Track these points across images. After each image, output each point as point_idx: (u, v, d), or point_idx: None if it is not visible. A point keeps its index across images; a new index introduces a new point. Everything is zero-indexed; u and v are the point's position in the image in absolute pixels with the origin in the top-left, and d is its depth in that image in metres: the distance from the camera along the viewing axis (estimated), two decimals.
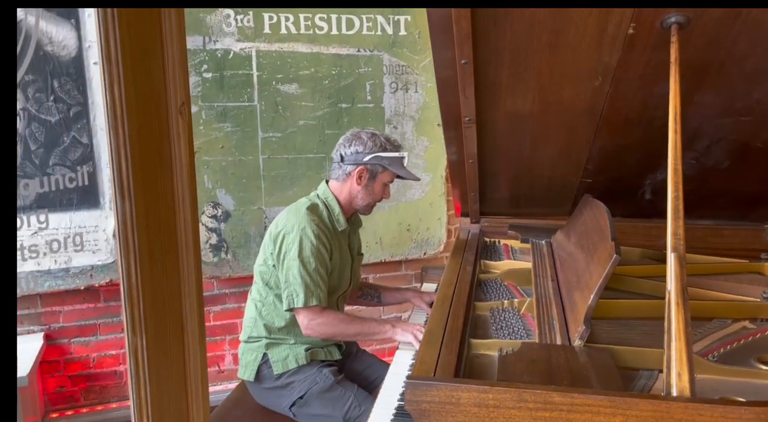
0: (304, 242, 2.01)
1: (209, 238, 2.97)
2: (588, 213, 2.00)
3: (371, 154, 2.09)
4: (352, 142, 2.11)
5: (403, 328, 2.05)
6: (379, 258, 3.27)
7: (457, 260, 2.25)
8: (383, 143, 2.10)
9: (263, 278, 2.14)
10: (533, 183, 2.36)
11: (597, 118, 1.90)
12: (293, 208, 2.12)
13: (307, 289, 2.00)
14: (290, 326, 2.12)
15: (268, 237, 2.13)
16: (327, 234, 2.08)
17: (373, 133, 2.12)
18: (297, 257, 2.00)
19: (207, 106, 2.88)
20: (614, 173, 2.22)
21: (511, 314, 1.84)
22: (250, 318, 2.19)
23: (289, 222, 2.06)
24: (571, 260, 1.90)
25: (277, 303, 2.12)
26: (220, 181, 2.95)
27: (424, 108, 3.22)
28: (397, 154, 2.12)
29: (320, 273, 2.04)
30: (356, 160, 2.10)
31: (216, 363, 3.14)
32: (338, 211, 2.14)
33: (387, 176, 2.14)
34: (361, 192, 2.13)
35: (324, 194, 2.17)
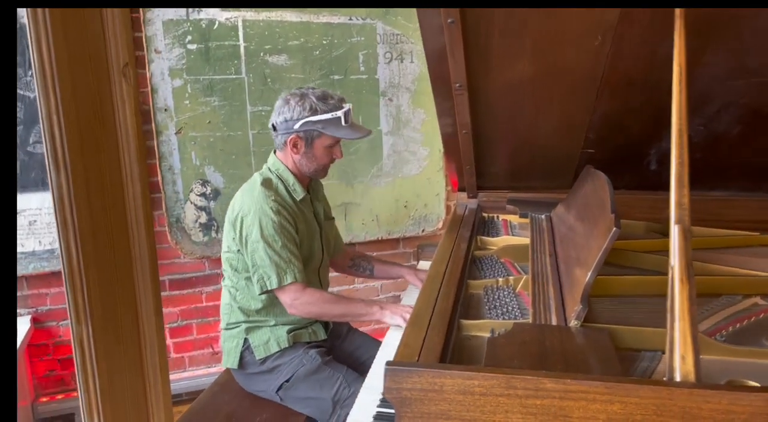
0: (263, 221, 1.91)
1: (198, 217, 2.88)
2: (589, 185, 1.88)
3: (300, 120, 1.93)
4: (281, 108, 1.97)
5: (392, 310, 1.95)
6: (376, 236, 3.17)
7: (451, 237, 2.14)
8: (313, 105, 1.92)
9: (231, 264, 2.05)
10: (532, 155, 2.24)
11: (598, 81, 1.78)
12: (247, 188, 2.01)
13: (279, 269, 1.91)
14: (268, 307, 2.03)
15: (227, 222, 2.03)
16: (287, 208, 1.97)
17: (303, 93, 1.95)
18: (260, 238, 1.90)
19: (192, 79, 2.77)
20: (617, 142, 2.09)
21: (506, 292, 1.74)
22: (225, 305, 2.10)
23: (245, 203, 1.95)
24: (570, 235, 1.79)
25: (249, 286, 2.03)
26: (209, 157, 2.85)
27: (421, 79, 3.09)
28: (329, 115, 1.93)
29: (289, 248, 1.93)
30: (287, 129, 1.96)
31: (209, 344, 3.06)
32: (293, 181, 2.03)
33: (326, 140, 1.99)
34: (302, 160, 2.01)
35: (274, 166, 2.05)
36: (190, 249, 2.87)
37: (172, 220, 2.83)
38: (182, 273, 2.96)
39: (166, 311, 2.96)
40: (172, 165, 2.79)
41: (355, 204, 3.09)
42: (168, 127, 2.76)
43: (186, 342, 3.02)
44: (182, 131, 2.79)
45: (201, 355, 3.05)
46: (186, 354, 3.03)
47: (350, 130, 1.99)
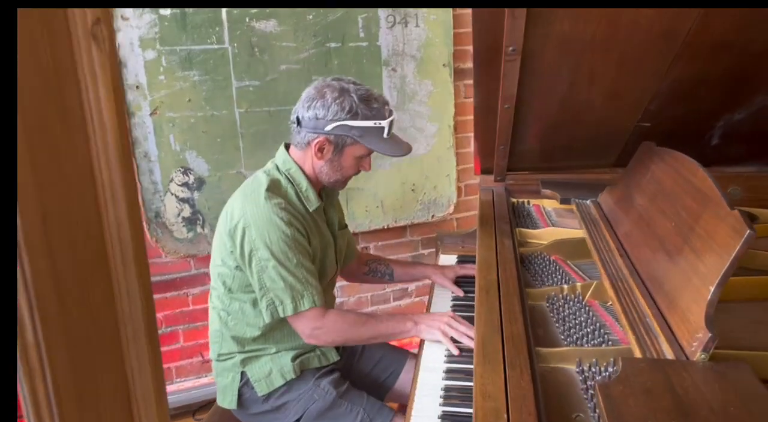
0: (273, 235, 1.55)
1: (181, 210, 2.50)
2: (661, 168, 1.57)
3: (335, 123, 1.55)
4: (313, 102, 1.56)
5: (428, 323, 1.61)
6: (381, 225, 2.83)
7: (488, 231, 1.82)
8: (355, 105, 1.54)
9: (224, 282, 1.68)
10: (575, 130, 1.92)
11: (678, 42, 1.46)
12: (249, 189, 1.62)
13: (294, 292, 1.56)
14: (267, 333, 1.68)
15: (222, 231, 1.64)
16: (299, 217, 1.61)
17: (343, 88, 1.55)
18: (270, 256, 1.54)
19: (167, 50, 2.37)
20: (681, 114, 1.79)
21: (574, 303, 1.43)
22: (215, 332, 1.74)
23: (248, 210, 1.57)
24: (645, 229, 1.48)
25: (246, 310, 1.68)
26: (190, 141, 2.47)
27: (428, 45, 2.73)
28: (372, 122, 1.56)
29: (305, 266, 1.58)
30: (315, 128, 1.58)
31: (199, 352, 2.72)
32: (306, 186, 1.65)
33: (359, 150, 1.61)
34: (324, 167, 1.63)
35: (285, 165, 1.67)
36: (173, 247, 2.51)
37: (151, 215, 2.46)
38: (165, 275, 2.60)
39: None
40: (147, 151, 2.41)
41: (357, 189, 2.75)
42: (141, 107, 2.37)
43: (172, 351, 2.68)
44: (158, 111, 2.40)
45: (190, 365, 2.71)
46: (173, 365, 2.69)
47: (391, 145, 1.61)
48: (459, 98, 2.87)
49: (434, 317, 1.63)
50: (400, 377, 1.89)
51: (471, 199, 3.04)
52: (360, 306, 2.94)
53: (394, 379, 1.90)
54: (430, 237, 3.00)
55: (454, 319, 1.59)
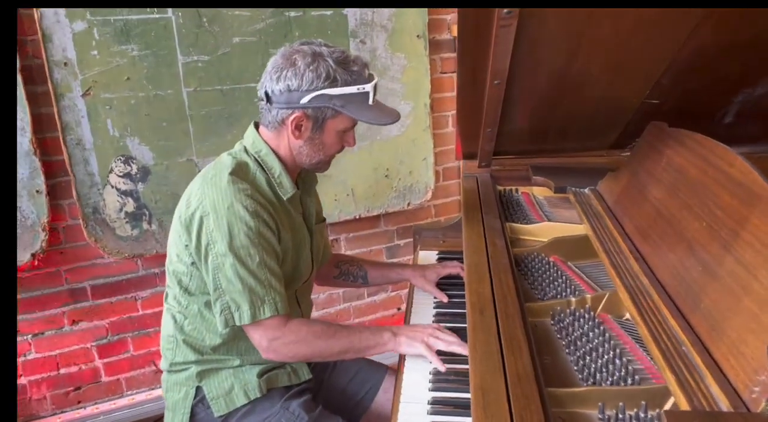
0: (235, 225, 1.29)
1: (124, 205, 2.20)
2: (680, 154, 1.33)
3: (312, 93, 1.30)
4: (282, 72, 1.31)
5: (408, 336, 1.36)
6: (352, 214, 2.56)
7: (476, 229, 1.57)
8: (332, 70, 1.30)
9: (180, 281, 1.43)
10: (573, 109, 1.67)
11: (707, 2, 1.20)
12: (210, 173, 1.36)
13: (254, 296, 1.30)
14: (230, 342, 1.43)
15: (178, 221, 1.38)
16: (268, 207, 1.35)
17: (316, 52, 1.31)
18: (228, 250, 1.29)
19: (100, 21, 2.04)
20: (695, 89, 1.55)
21: (585, 320, 1.19)
22: (168, 337, 1.48)
23: (207, 196, 1.32)
24: (666, 228, 1.24)
25: (205, 313, 1.42)
26: (131, 126, 2.15)
27: (400, 14, 2.44)
28: (354, 88, 1.32)
29: (269, 266, 1.33)
30: (289, 103, 1.32)
31: (151, 360, 2.44)
32: (279, 171, 1.40)
33: (342, 122, 1.37)
34: (304, 147, 1.40)
35: (255, 146, 1.41)
36: (116, 246, 2.21)
37: (88, 211, 2.15)
38: (108, 277, 2.30)
39: (91, 325, 2.31)
40: (81, 138, 2.09)
41: (325, 175, 2.43)
42: (71, 87, 2.05)
43: (121, 361, 2.39)
44: (91, 92, 2.08)
45: (141, 375, 2.43)
46: (122, 376, 2.40)
47: (378, 112, 1.37)
48: (435, 73, 2.60)
49: (416, 328, 1.38)
50: (378, 396, 1.65)
51: (450, 184, 2.79)
52: (332, 304, 2.68)
53: (372, 396, 1.66)
54: (406, 226, 2.74)
55: (439, 331, 1.35)
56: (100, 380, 2.38)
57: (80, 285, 2.26)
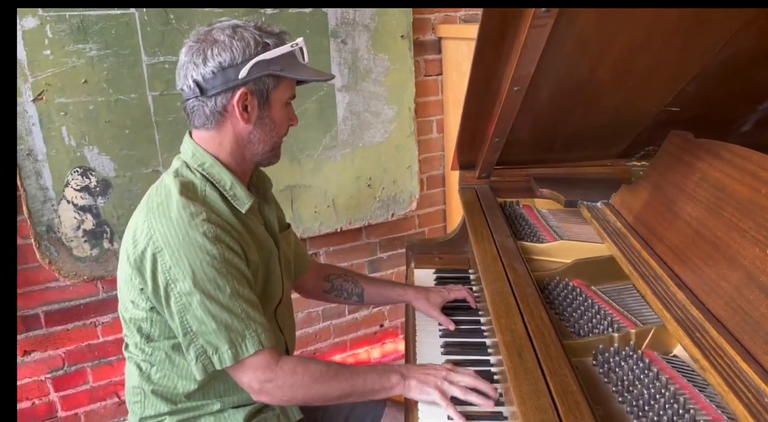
0: (195, 258, 1.11)
1: (81, 222, 1.97)
2: (718, 169, 1.20)
3: (248, 62, 1.14)
4: (207, 52, 1.15)
5: (420, 379, 1.20)
6: (333, 227, 2.39)
7: (488, 249, 1.42)
8: (258, 36, 1.16)
9: (139, 329, 1.23)
10: (587, 118, 1.55)
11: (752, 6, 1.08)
12: (155, 201, 1.17)
13: (231, 333, 1.13)
14: (207, 385, 1.26)
15: (126, 262, 1.18)
16: (228, 229, 1.17)
17: (233, 25, 1.17)
18: (193, 287, 1.11)
19: (54, 17, 1.82)
20: (719, 97, 1.44)
21: (633, 360, 1.06)
22: (134, 389, 1.28)
23: (156, 229, 1.13)
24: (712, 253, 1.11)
25: (174, 357, 1.24)
26: (89, 134, 1.93)
27: (383, 13, 2.28)
28: (288, 46, 1.19)
29: (242, 295, 1.15)
30: (227, 81, 1.15)
31: (113, 392, 2.21)
32: (230, 181, 1.21)
33: (285, 90, 1.22)
34: (255, 133, 1.22)
35: (197, 159, 1.22)
36: (73, 268, 1.98)
37: (41, 229, 1.92)
38: (64, 301, 2.07)
39: (45, 355, 2.07)
40: (32, 148, 1.86)
41: (304, 186, 2.29)
42: (21, 91, 1.82)
43: (79, 394, 2.16)
44: (44, 96, 1.85)
45: (102, 408, 2.20)
46: (81, 410, 2.17)
47: (314, 70, 1.26)
48: (419, 76, 2.45)
49: (428, 370, 1.22)
50: None
51: (434, 193, 2.64)
52: (311, 323, 2.50)
53: None
54: (390, 238, 2.59)
55: (453, 372, 1.19)
56: (56, 415, 2.14)
57: (32, 311, 2.03)
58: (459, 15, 2.48)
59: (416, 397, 1.19)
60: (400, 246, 2.60)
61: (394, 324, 2.72)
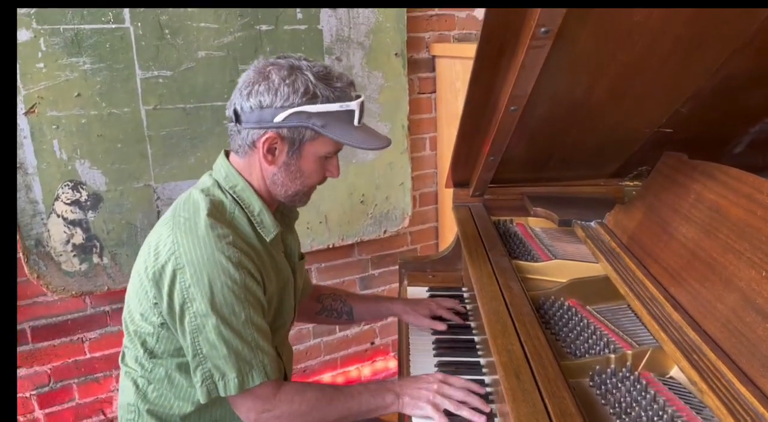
0: (216, 280, 1.10)
1: (71, 236, 1.95)
2: (713, 190, 1.21)
3: (288, 110, 1.12)
4: (254, 86, 1.14)
5: (412, 395, 1.20)
6: (325, 244, 2.38)
7: (483, 268, 1.42)
8: (311, 85, 1.13)
9: (144, 342, 1.21)
10: (582, 138, 1.56)
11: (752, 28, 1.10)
12: (182, 217, 1.15)
13: (240, 361, 1.12)
14: (203, 409, 1.24)
15: (144, 274, 1.16)
16: (252, 255, 1.17)
17: (293, 65, 1.15)
18: (210, 309, 1.10)
19: (48, 30, 1.81)
20: (713, 118, 1.46)
21: (631, 382, 1.05)
22: (128, 406, 1.26)
23: (180, 245, 1.11)
24: (708, 274, 1.11)
25: (175, 378, 1.22)
26: (81, 148, 1.92)
27: (377, 30, 2.29)
28: (337, 105, 1.14)
29: (255, 323, 1.14)
30: (261, 122, 1.14)
31: (99, 409, 2.18)
32: (259, 208, 1.20)
33: (323, 146, 1.18)
34: (278, 175, 1.20)
35: (229, 181, 1.21)
36: (61, 283, 1.95)
37: (30, 243, 1.89)
38: (52, 317, 2.03)
39: (31, 371, 2.04)
40: (23, 161, 1.84)
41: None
42: None
43: (65, 411, 2.12)
44: (36, 109, 1.84)
45: None
46: None
47: (365, 135, 1.19)
48: (413, 94, 2.46)
49: (420, 384, 1.22)
50: None
51: (427, 210, 2.64)
52: (301, 340, 2.48)
53: None
54: (382, 255, 2.58)
55: (445, 384, 1.19)
56: None
57: (19, 326, 1.99)
58: (453, 34, 2.50)
59: (410, 413, 1.20)
60: (392, 263, 2.59)
61: (385, 341, 2.70)
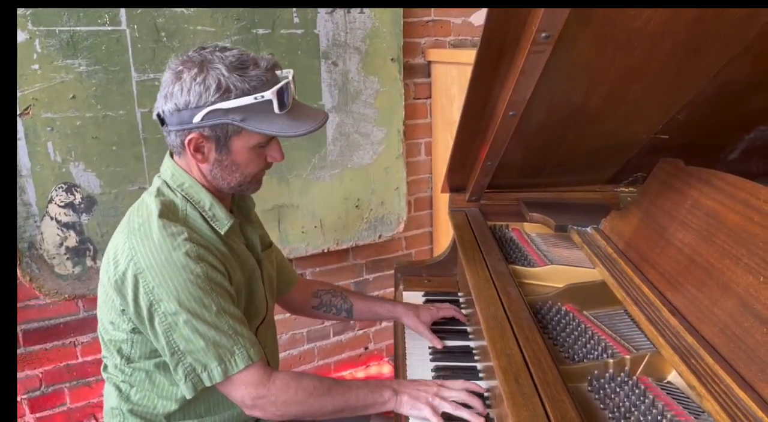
0: (178, 277, 1.10)
1: (65, 239, 1.94)
2: (710, 196, 1.22)
3: (203, 109, 1.10)
4: (170, 88, 1.12)
5: (411, 395, 1.20)
6: (320, 248, 2.37)
7: (481, 273, 1.42)
8: (223, 79, 1.10)
9: (119, 350, 1.21)
10: (579, 144, 1.56)
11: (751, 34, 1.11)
12: (135, 222, 1.15)
13: (221, 350, 1.12)
14: (188, 405, 1.24)
15: (108, 284, 1.16)
16: (211, 248, 1.17)
17: (205, 60, 1.11)
18: (179, 308, 1.10)
19: (43, 32, 1.80)
20: (709, 125, 1.47)
21: (629, 387, 1.06)
22: (112, 411, 1.27)
23: (137, 251, 1.11)
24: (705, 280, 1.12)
25: (156, 378, 1.23)
26: (76, 150, 1.91)
27: (374, 35, 2.29)
28: (250, 98, 1.10)
29: (228, 312, 1.14)
30: (181, 123, 1.13)
31: (91, 414, 2.16)
32: (210, 202, 1.20)
33: (250, 137, 1.15)
34: (215, 171, 1.19)
35: (176, 179, 1.21)
36: (54, 286, 1.94)
37: (23, 246, 1.88)
38: (44, 320, 2.02)
39: (22, 375, 2.02)
40: (17, 163, 1.83)
41: (292, 206, 2.27)
42: None
43: (56, 416, 2.10)
44: (30, 111, 1.83)
45: None
46: None
47: (290, 121, 1.14)
48: (408, 99, 2.46)
49: (419, 386, 1.22)
50: None
51: (421, 215, 2.64)
52: (295, 345, 2.47)
53: None
54: (376, 260, 2.58)
55: (444, 388, 1.21)
56: None
57: None
58: (449, 40, 2.51)
59: (407, 413, 1.20)
60: (386, 267, 2.59)
61: (378, 346, 2.69)
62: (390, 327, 2.63)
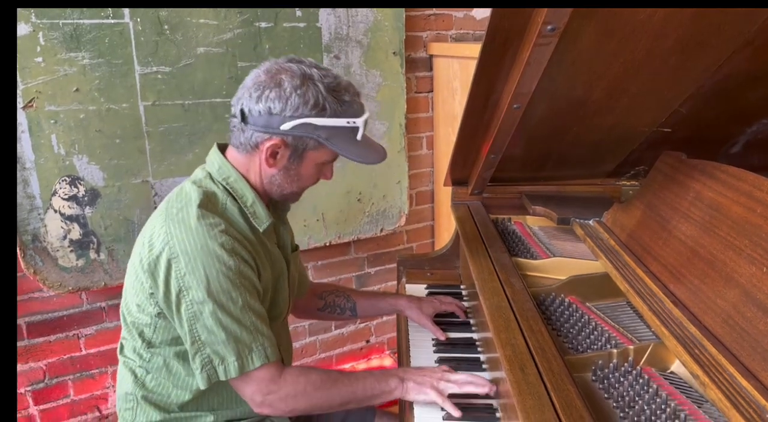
0: (211, 267, 1.11)
1: (68, 231, 1.94)
2: (713, 189, 1.23)
3: (296, 120, 1.13)
4: (265, 91, 1.14)
5: (416, 381, 1.22)
6: (322, 241, 2.38)
7: (484, 264, 1.43)
8: (322, 98, 1.13)
9: (141, 333, 1.22)
10: (581, 137, 1.57)
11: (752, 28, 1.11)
12: (175, 207, 1.17)
13: (240, 346, 1.13)
14: (201, 397, 1.25)
15: (139, 266, 1.17)
16: (245, 243, 1.18)
17: (306, 74, 1.14)
18: (206, 296, 1.11)
19: (47, 24, 1.80)
20: (711, 117, 1.48)
21: (633, 377, 1.07)
22: (126, 396, 1.28)
23: (175, 235, 1.12)
24: (707, 271, 1.13)
25: (173, 366, 1.23)
26: (79, 143, 1.91)
27: (376, 29, 2.30)
28: (344, 121, 1.15)
29: (254, 309, 1.16)
30: (268, 127, 1.15)
31: (95, 406, 2.17)
32: (252, 200, 1.22)
33: (324, 154, 1.20)
34: (277, 177, 1.22)
35: (222, 172, 1.22)
36: (58, 278, 1.94)
37: (27, 239, 1.88)
38: (47, 313, 2.02)
39: (26, 367, 2.03)
40: (20, 155, 1.84)
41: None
42: None
43: (60, 408, 2.11)
44: (34, 104, 1.83)
45: None
46: None
47: (365, 149, 1.21)
48: (410, 92, 2.47)
49: (424, 372, 1.24)
50: None
51: (423, 209, 2.65)
52: (297, 338, 2.48)
53: None
54: (378, 253, 2.58)
55: (449, 373, 1.23)
56: None
57: None
58: (450, 34, 2.51)
59: (414, 399, 1.22)
60: (388, 261, 2.60)
61: (380, 339, 2.71)
62: (391, 321, 2.64)
